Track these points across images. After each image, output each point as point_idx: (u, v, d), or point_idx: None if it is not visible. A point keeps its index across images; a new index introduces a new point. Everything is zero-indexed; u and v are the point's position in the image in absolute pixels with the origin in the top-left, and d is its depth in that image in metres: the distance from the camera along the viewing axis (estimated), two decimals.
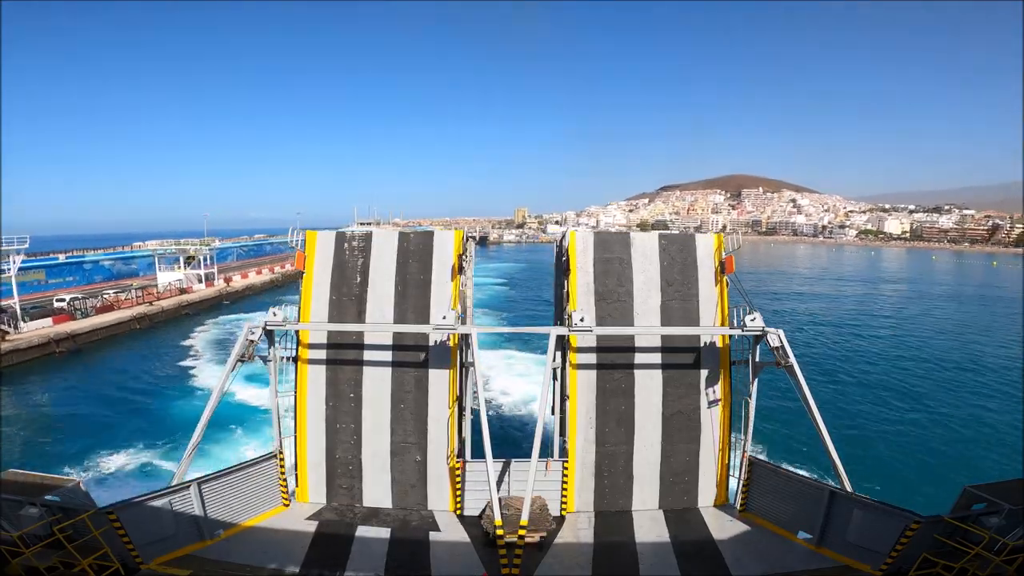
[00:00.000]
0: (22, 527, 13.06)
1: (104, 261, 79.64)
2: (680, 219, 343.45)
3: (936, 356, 50.39)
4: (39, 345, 45.73)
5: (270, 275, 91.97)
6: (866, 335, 59.93)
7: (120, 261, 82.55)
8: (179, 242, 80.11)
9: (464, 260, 19.24)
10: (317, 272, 18.79)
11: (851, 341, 56.83)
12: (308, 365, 18.35)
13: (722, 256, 18.68)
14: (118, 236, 68.66)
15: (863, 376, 43.70)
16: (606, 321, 18.24)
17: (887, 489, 23.49)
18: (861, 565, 14.02)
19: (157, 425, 31.57)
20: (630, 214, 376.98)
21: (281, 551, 15.19)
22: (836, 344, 55.44)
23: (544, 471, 17.42)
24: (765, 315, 17.44)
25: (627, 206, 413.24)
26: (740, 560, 14.98)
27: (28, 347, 44.86)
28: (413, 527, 16.79)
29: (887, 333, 61.45)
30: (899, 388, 40.64)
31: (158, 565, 13.98)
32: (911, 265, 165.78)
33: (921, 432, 32.20)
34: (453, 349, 18.13)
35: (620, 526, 16.94)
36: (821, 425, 15.91)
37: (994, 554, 12.08)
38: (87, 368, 44.61)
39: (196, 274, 74.84)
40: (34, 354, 45.05)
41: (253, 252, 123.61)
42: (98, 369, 44.44)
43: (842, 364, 47.31)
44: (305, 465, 18.14)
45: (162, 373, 43.01)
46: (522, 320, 64.68)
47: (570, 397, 17.99)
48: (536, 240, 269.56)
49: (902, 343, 56.01)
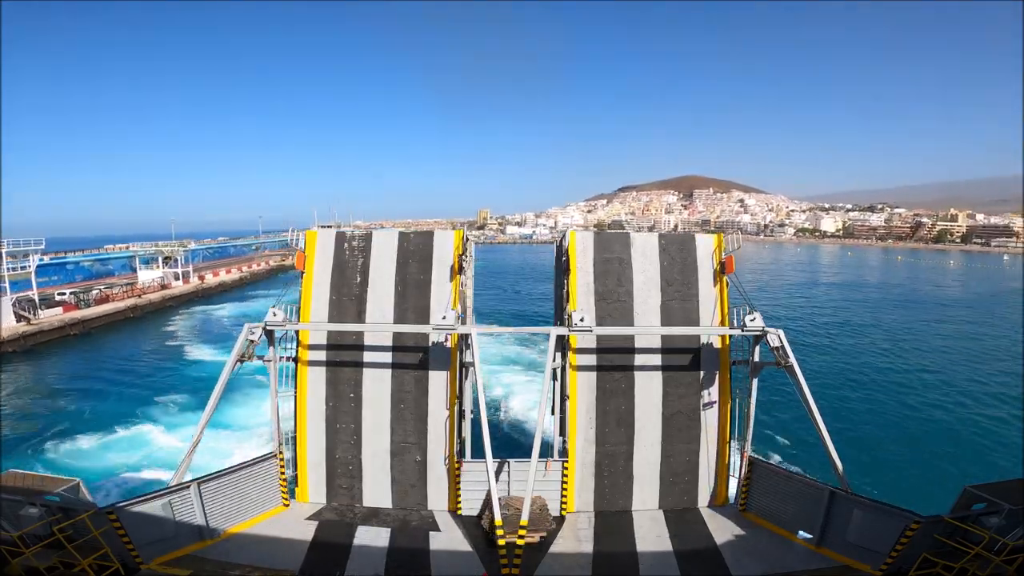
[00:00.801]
0: (22, 527, 13.06)
1: (84, 262, 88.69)
2: (635, 219, 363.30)
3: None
4: (57, 328, 55.28)
5: (239, 274, 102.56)
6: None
7: (98, 262, 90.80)
8: (157, 244, 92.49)
9: (464, 260, 19.23)
10: (317, 272, 18.78)
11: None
12: (308, 365, 18.34)
13: (722, 256, 18.68)
14: (89, 239, 75.40)
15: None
16: (606, 321, 18.23)
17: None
18: (861, 565, 14.01)
19: (153, 384, 41.79)
20: (588, 215, 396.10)
21: (281, 551, 15.19)
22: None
23: (544, 471, 17.41)
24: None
25: (586, 207, 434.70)
26: (740, 560, 14.97)
27: (50, 329, 54.50)
28: (413, 527, 16.79)
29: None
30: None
31: (158, 565, 13.98)
32: (809, 255, 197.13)
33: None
34: (453, 349, 18.13)
35: (620, 526, 16.93)
36: (821, 425, 15.88)
37: (994, 554, 12.08)
38: (96, 346, 55.15)
39: (173, 272, 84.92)
40: (54, 335, 54.72)
41: (218, 253, 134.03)
42: (105, 347, 54.63)
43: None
44: (305, 465, 18.14)
45: (152, 348, 54.27)
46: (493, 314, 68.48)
47: (570, 397, 17.98)
48: (493, 240, 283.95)
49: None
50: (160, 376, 43.89)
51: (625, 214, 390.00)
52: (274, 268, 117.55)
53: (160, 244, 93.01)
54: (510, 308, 77.60)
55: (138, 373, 44.98)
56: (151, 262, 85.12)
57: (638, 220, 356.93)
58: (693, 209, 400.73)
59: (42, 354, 50.75)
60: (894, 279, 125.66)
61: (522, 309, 77.13)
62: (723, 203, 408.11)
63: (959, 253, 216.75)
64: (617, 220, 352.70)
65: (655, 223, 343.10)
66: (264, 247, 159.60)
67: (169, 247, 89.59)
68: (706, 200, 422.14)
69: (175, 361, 48.56)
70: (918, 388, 40.88)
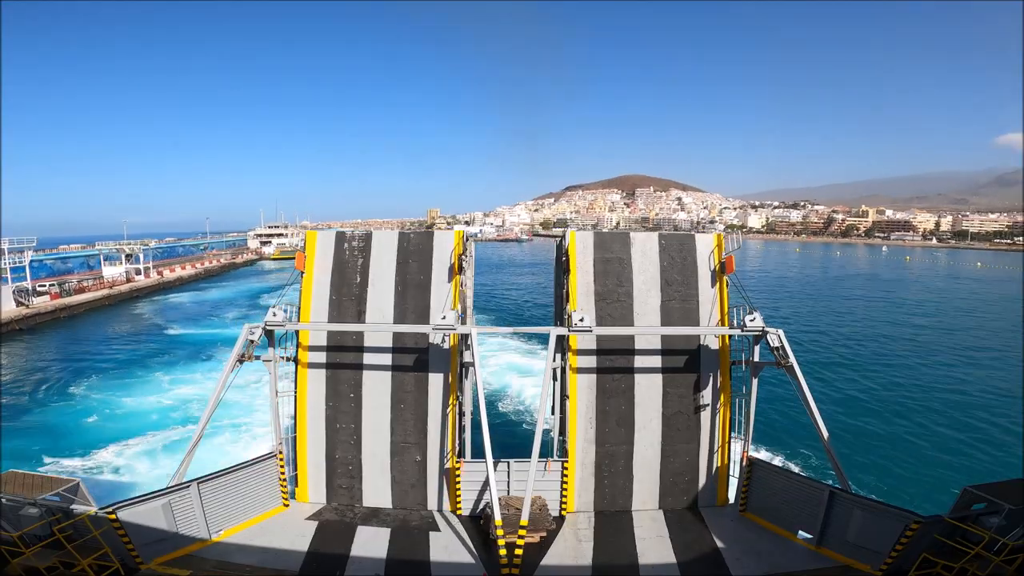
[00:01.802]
0: (22, 527, 13.08)
1: (46, 260, 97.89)
2: (580, 217, 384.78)
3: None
4: (50, 312, 66.84)
5: (193, 270, 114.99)
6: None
7: (59, 260, 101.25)
8: (119, 243, 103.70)
9: (464, 260, 19.23)
10: (317, 272, 18.79)
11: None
12: (308, 365, 18.35)
13: (722, 256, 18.69)
14: (44, 240, 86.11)
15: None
16: (606, 321, 18.24)
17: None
18: (861, 565, 14.02)
19: (139, 346, 54.37)
20: (535, 213, 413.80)
21: (281, 551, 15.19)
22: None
23: (544, 471, 17.42)
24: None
25: (533, 206, 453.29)
26: (740, 560, 14.97)
27: (44, 312, 66.36)
28: (413, 527, 16.79)
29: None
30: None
31: (158, 565, 13.99)
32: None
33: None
34: (453, 349, 18.13)
35: (620, 526, 16.93)
36: (821, 425, 15.89)
37: (994, 554, 12.08)
38: (84, 325, 67.39)
39: (135, 268, 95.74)
40: (47, 317, 66.27)
41: (168, 253, 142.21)
42: (91, 325, 67.28)
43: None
44: (305, 465, 18.15)
45: (131, 326, 67.23)
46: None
47: (570, 397, 17.99)
48: None
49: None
50: (145, 341, 56.96)
51: (570, 212, 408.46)
52: (226, 265, 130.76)
53: (123, 243, 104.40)
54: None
55: (125, 340, 58.03)
56: (115, 260, 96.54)
57: (582, 218, 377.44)
58: (635, 207, 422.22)
59: (44, 331, 62.73)
60: (770, 266, 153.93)
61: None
62: (662, 201, 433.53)
63: (863, 246, 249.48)
64: (562, 218, 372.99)
65: (598, 221, 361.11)
66: (211, 247, 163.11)
67: (130, 246, 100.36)
68: (647, 198, 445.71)
69: (151, 333, 62.12)
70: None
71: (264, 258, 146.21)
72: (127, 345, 55.03)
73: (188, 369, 44.37)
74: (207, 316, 71.22)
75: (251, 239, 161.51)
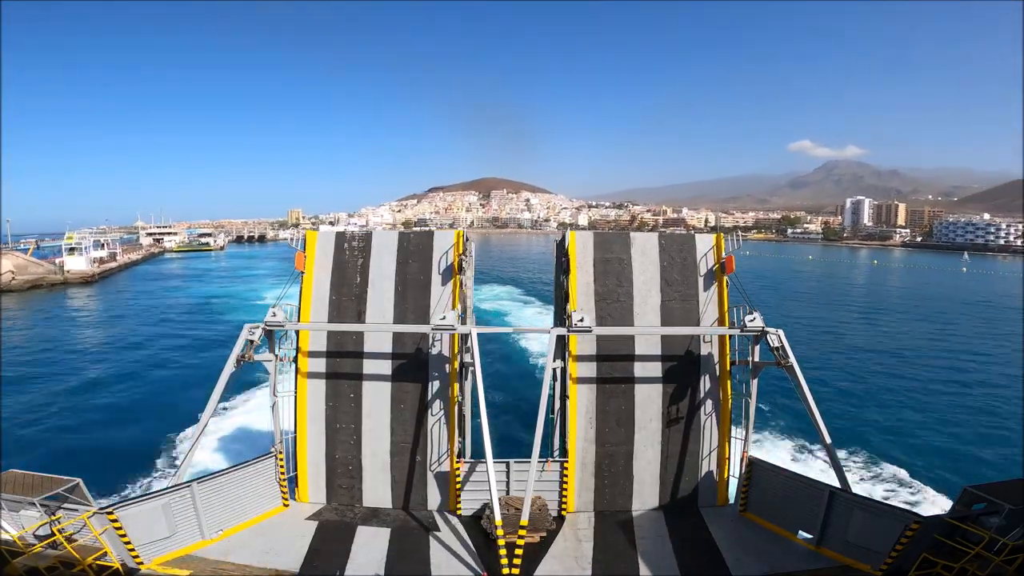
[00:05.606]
0: (22, 527, 13.07)
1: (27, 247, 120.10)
2: (439, 217, 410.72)
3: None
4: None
5: (137, 255, 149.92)
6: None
7: (36, 248, 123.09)
8: (93, 231, 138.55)
9: (464, 260, 19.22)
10: (317, 272, 18.78)
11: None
12: (308, 366, 18.34)
13: (722, 256, 18.68)
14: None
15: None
16: (606, 321, 18.24)
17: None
18: (861, 565, 14.02)
19: (121, 313, 71.44)
20: (397, 214, 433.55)
21: (281, 551, 15.19)
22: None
23: (544, 471, 17.41)
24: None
25: (397, 206, 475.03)
26: (740, 560, 14.97)
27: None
28: (413, 527, 16.79)
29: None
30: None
31: (158, 565, 13.99)
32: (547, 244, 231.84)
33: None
34: (453, 349, 18.13)
35: (620, 526, 16.93)
36: (821, 425, 15.89)
37: (994, 554, 12.07)
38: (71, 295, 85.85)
39: (109, 253, 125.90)
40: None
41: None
42: (117, 283, 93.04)
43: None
44: (305, 465, 18.13)
45: (139, 286, 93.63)
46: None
47: (570, 397, 17.98)
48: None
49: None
50: (120, 306, 75.29)
51: (431, 212, 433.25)
52: (146, 255, 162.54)
53: (95, 230, 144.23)
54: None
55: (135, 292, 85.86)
56: (99, 247, 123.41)
57: (440, 218, 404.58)
58: (489, 208, 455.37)
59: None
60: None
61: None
62: (513, 202, 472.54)
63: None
64: (422, 219, 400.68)
65: (455, 220, 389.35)
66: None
67: (103, 234, 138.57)
68: (500, 200, 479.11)
69: (130, 298, 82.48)
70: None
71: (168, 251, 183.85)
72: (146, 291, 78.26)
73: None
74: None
75: (143, 237, 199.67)
